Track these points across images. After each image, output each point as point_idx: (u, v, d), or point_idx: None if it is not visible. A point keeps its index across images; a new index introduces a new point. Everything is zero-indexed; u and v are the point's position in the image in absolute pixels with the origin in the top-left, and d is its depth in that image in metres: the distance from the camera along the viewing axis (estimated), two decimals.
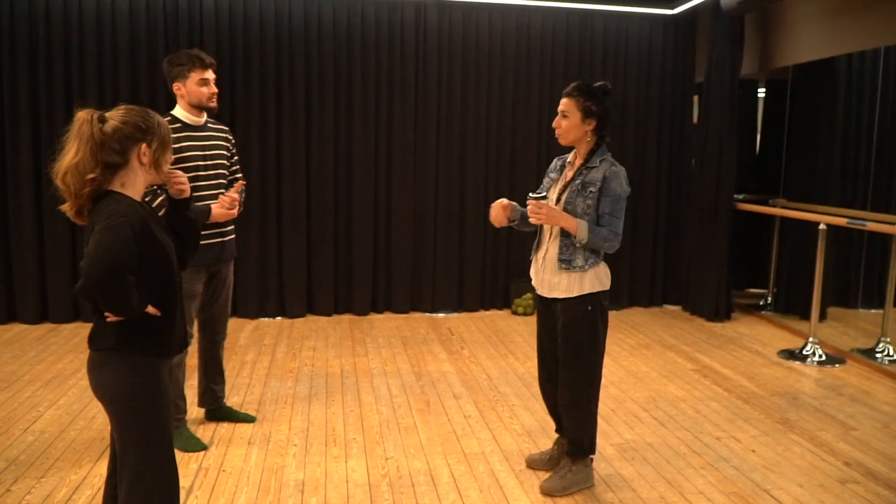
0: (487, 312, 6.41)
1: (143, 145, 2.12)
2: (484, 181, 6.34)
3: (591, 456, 3.18)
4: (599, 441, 3.65)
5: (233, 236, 3.64)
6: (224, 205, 3.41)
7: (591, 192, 2.94)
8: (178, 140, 3.38)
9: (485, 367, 4.83)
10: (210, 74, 3.45)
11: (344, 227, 6.16)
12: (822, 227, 5.25)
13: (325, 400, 4.17)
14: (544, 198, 2.90)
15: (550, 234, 3.05)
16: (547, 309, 3.12)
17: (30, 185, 5.59)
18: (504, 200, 3.02)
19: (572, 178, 3.03)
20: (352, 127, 6.07)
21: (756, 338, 5.76)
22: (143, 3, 5.60)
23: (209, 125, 3.57)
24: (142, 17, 5.61)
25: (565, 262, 2.96)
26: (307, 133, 5.99)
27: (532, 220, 2.92)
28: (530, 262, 3.18)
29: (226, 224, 3.54)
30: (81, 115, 2.07)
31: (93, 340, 2.12)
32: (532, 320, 6.13)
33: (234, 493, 3.07)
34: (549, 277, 3.02)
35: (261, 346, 5.27)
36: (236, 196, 3.45)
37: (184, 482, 3.14)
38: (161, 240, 2.13)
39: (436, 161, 6.24)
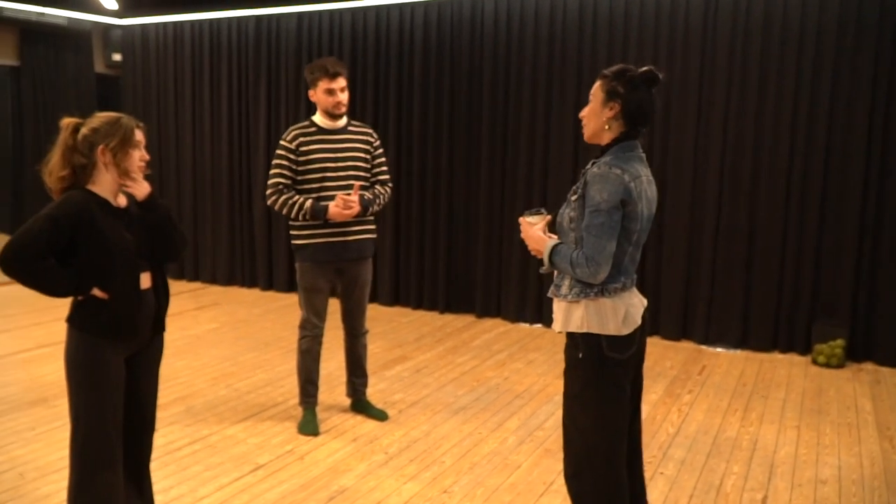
0: (783, 356, 5.17)
1: (102, 146, 2.38)
2: (785, 192, 5.11)
3: None
4: None
5: (364, 236, 3.70)
6: (338, 205, 3.52)
7: (572, 200, 2.27)
8: (311, 143, 3.61)
9: (689, 419, 3.96)
10: (337, 84, 3.56)
11: None
12: None
13: (471, 416, 3.97)
14: (538, 213, 2.35)
15: None
16: None
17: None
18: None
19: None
20: None
21: None
22: (420, 15, 6.02)
23: (349, 128, 3.71)
24: (432, 25, 6.04)
25: (555, 287, 2.35)
26: (575, 137, 5.67)
27: None
28: None
29: (351, 224, 3.62)
30: (63, 123, 2.43)
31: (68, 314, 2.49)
32: (830, 375, 4.75)
33: (285, 480, 3.19)
34: (553, 305, 2.42)
35: (486, 350, 5.22)
36: (352, 198, 3.52)
37: (265, 458, 3.40)
38: (107, 233, 2.36)
39: (720, 169, 5.26)
